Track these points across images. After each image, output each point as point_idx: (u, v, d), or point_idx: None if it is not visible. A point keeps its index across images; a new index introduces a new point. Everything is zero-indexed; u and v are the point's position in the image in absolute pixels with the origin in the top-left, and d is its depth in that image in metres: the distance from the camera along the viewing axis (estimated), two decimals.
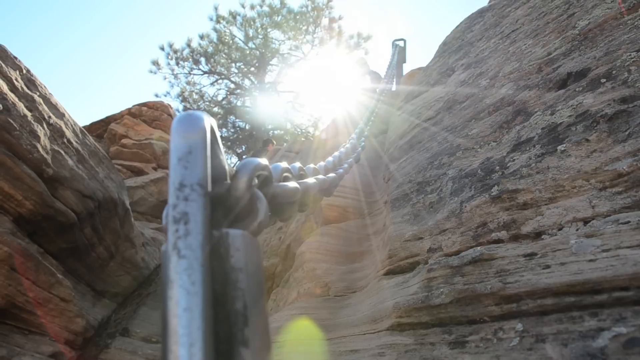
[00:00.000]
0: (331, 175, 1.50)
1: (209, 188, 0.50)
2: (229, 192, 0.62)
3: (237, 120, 19.65)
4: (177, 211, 0.45)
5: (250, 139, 18.29)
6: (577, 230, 1.44)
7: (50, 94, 4.30)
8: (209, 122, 0.53)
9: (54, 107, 4.22)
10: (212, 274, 0.44)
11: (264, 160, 0.70)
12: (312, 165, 1.29)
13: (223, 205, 0.62)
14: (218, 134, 0.58)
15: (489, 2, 5.28)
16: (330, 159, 1.76)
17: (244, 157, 19.13)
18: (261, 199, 0.66)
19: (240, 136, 19.36)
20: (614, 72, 1.81)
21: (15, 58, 3.92)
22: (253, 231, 0.62)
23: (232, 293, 0.49)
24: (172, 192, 0.47)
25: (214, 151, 0.55)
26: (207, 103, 19.89)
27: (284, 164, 0.89)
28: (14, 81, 3.66)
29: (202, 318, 0.40)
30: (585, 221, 1.45)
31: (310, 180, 1.09)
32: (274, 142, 10.88)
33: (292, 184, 0.85)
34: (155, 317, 4.91)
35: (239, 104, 20.29)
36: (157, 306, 5.12)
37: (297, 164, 1.07)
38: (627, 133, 1.50)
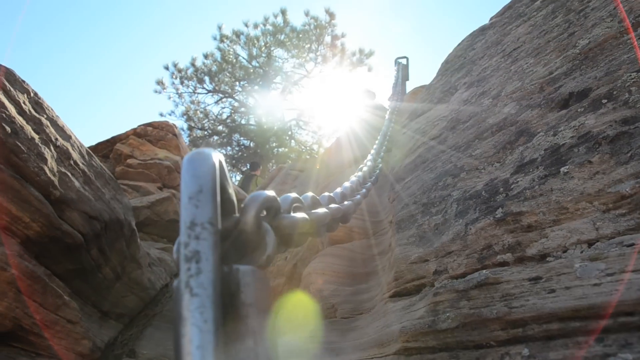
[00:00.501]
0: (347, 202, 1.51)
1: (219, 225, 0.51)
2: (237, 227, 0.64)
3: (241, 138, 19.75)
4: (189, 250, 0.47)
5: (255, 157, 18.33)
6: (581, 252, 1.44)
7: (57, 116, 4.34)
8: (218, 158, 0.55)
9: (60, 129, 4.25)
10: (222, 310, 0.46)
11: (272, 193, 0.72)
12: (327, 194, 1.30)
13: (232, 239, 0.63)
14: (226, 170, 0.60)
15: (490, 19, 5.31)
16: (347, 184, 1.77)
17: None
18: (269, 232, 0.68)
19: (245, 154, 19.43)
20: (614, 92, 1.83)
21: (23, 81, 3.96)
22: (261, 264, 0.64)
23: (242, 329, 0.50)
24: (184, 230, 0.49)
25: (222, 186, 0.57)
26: (212, 121, 20.01)
27: (293, 195, 0.90)
28: (22, 104, 3.70)
29: (215, 356, 0.42)
30: (590, 243, 1.45)
31: (322, 210, 1.11)
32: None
33: (301, 215, 0.87)
34: (162, 338, 4.88)
35: (243, 122, 20.41)
36: (164, 327, 5.11)
37: (310, 194, 1.08)
38: (629, 155, 1.51)
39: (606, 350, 1.16)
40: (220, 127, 19.93)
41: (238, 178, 19.89)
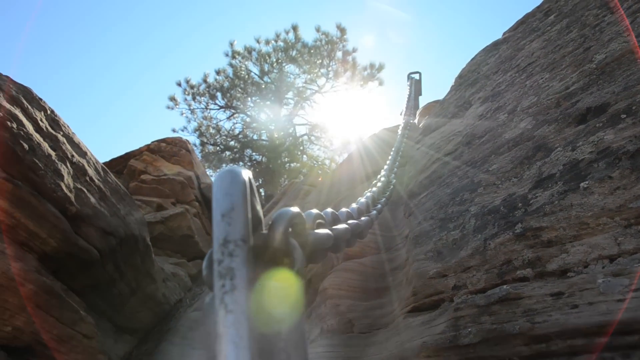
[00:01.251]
0: (364, 218, 1.51)
1: (251, 242, 0.52)
2: (266, 244, 0.64)
3: (253, 153, 19.77)
4: (222, 267, 0.48)
5: (267, 173, 18.36)
6: (603, 268, 1.43)
7: (73, 133, 4.40)
8: (247, 175, 0.56)
9: (76, 146, 4.31)
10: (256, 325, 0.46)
11: (297, 210, 0.73)
12: (344, 210, 1.30)
13: (261, 256, 0.64)
14: (255, 186, 0.60)
15: (503, 34, 5.32)
16: (363, 200, 1.78)
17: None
18: (297, 248, 0.69)
19: (257, 169, 19.45)
20: (633, 107, 1.82)
21: (40, 99, 4.03)
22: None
23: (276, 344, 0.51)
24: (217, 247, 0.49)
25: (251, 203, 0.57)
26: (224, 137, 20.06)
27: (315, 211, 0.91)
28: (39, 122, 3.76)
29: None
30: (612, 259, 1.45)
31: (343, 226, 1.11)
32: None
33: (325, 231, 0.87)
34: (176, 353, 4.88)
35: (255, 137, 20.43)
36: (178, 342, 5.11)
37: (330, 210, 1.08)
38: None
39: None
40: (232, 143, 19.99)
41: None
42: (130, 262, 4.79)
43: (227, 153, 19.61)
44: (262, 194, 18.77)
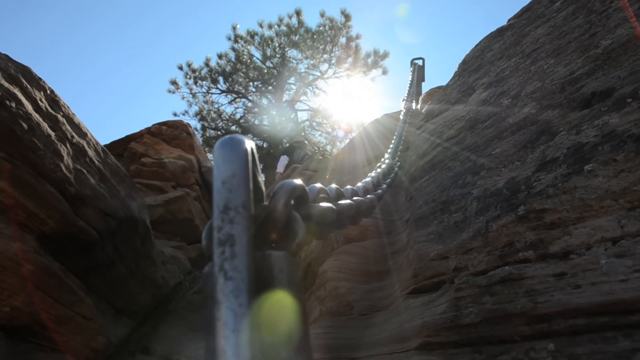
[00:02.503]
0: (369, 196, 1.50)
1: (252, 211, 0.51)
2: (268, 214, 0.63)
3: (254, 138, 19.78)
4: (222, 233, 0.46)
5: (268, 158, 18.38)
6: (606, 250, 1.43)
7: (73, 113, 4.37)
8: (250, 145, 0.55)
9: (76, 127, 4.28)
10: (257, 295, 0.45)
11: (300, 182, 0.72)
12: (350, 187, 1.30)
13: (262, 227, 0.63)
14: (257, 157, 0.59)
15: (508, 21, 5.28)
16: (368, 179, 1.77)
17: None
18: (299, 220, 0.68)
19: (259, 154, 19.44)
20: (639, 91, 1.80)
21: (40, 79, 4.00)
22: (292, 252, 0.63)
23: (275, 314, 0.50)
24: (217, 214, 0.48)
25: (253, 174, 0.56)
26: (225, 122, 20.07)
27: (319, 185, 0.90)
28: (38, 102, 3.74)
29: (250, 340, 0.41)
30: (614, 241, 1.44)
31: (346, 201, 1.10)
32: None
33: (328, 205, 0.86)
34: (176, 335, 4.90)
35: (256, 122, 20.44)
36: (177, 324, 5.13)
37: (334, 186, 1.07)
38: None
39: (635, 345, 1.15)
40: (233, 127, 19.98)
41: None
42: (130, 245, 4.78)
43: None
44: (264, 179, 18.75)
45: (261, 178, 0.62)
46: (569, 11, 3.37)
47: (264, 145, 19.52)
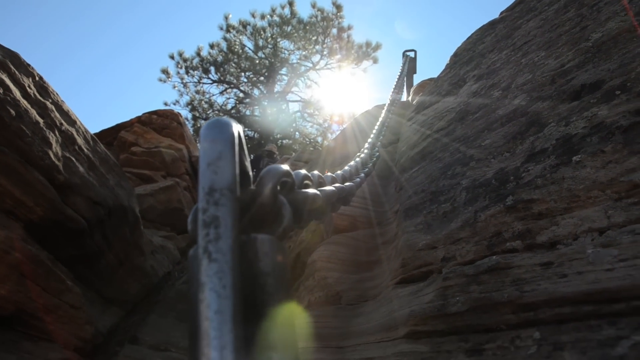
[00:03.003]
0: (349, 184, 1.50)
1: (238, 193, 0.50)
2: (254, 198, 0.63)
3: (246, 129, 19.73)
4: (207, 215, 0.46)
5: (259, 149, 18.37)
6: (592, 240, 1.44)
7: (62, 101, 4.34)
8: (237, 128, 0.54)
9: (65, 114, 4.25)
10: (241, 278, 0.45)
11: (286, 167, 0.71)
12: (330, 174, 1.29)
13: (248, 211, 0.62)
14: (244, 141, 0.58)
15: (500, 14, 5.29)
16: (347, 168, 1.77)
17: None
18: (285, 204, 0.67)
19: (249, 145, 19.42)
20: (628, 84, 1.81)
21: (28, 65, 3.97)
22: (278, 236, 0.63)
23: (260, 297, 0.50)
24: (202, 196, 0.48)
25: (240, 157, 0.55)
26: (216, 112, 20.01)
27: (304, 172, 0.89)
28: (27, 88, 3.70)
29: (233, 321, 0.41)
30: (601, 231, 1.45)
31: (330, 188, 1.10)
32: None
33: (313, 191, 0.86)
34: (164, 325, 4.90)
35: (247, 113, 20.40)
36: (166, 314, 5.12)
37: (316, 172, 1.07)
38: None
39: (619, 333, 1.16)
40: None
41: None
42: (119, 233, 4.77)
43: None
44: (254, 171, 18.73)
45: (248, 162, 0.62)
46: (560, 4, 3.37)
47: (255, 136, 19.49)
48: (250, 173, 0.63)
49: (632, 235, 1.32)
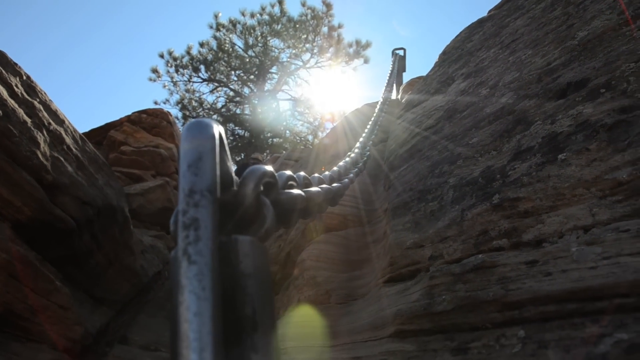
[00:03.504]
0: (336, 185, 1.50)
1: (218, 194, 0.50)
2: (236, 199, 0.63)
3: (236, 128, 19.68)
4: (187, 217, 0.46)
5: (250, 147, 18.31)
6: (577, 238, 1.45)
7: (50, 100, 4.31)
8: (218, 129, 0.54)
9: (53, 114, 4.22)
10: (221, 280, 0.45)
11: (269, 168, 0.71)
12: (317, 175, 1.30)
13: (230, 212, 0.62)
14: (226, 142, 0.58)
15: (488, 12, 5.31)
16: (335, 168, 1.77)
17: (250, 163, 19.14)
18: (267, 205, 0.67)
19: (240, 144, 19.37)
20: (613, 82, 1.83)
21: (16, 64, 3.93)
22: (260, 237, 0.63)
23: (241, 298, 0.50)
24: (182, 198, 0.48)
25: (221, 158, 0.56)
26: (207, 111, 19.93)
27: (288, 172, 0.89)
28: (14, 87, 3.67)
29: (213, 323, 0.41)
30: (586, 229, 1.46)
31: (315, 189, 1.10)
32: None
33: (297, 191, 0.86)
34: (154, 324, 4.89)
35: (238, 111, 20.33)
36: (156, 314, 5.11)
37: (302, 173, 1.07)
38: (626, 142, 1.51)
39: (602, 331, 1.17)
40: (215, 116, 19.83)
41: (232, 168, 19.89)
42: (108, 233, 4.75)
43: None
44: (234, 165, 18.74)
45: (230, 163, 0.62)
46: (547, 3, 3.39)
47: (246, 135, 19.43)
48: (233, 174, 0.63)
49: (616, 233, 1.33)
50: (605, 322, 1.18)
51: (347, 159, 2.27)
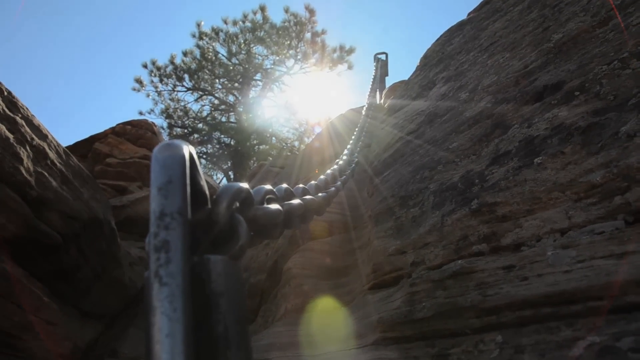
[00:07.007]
0: (321, 194, 1.51)
1: (189, 216, 0.51)
2: (209, 218, 0.64)
3: (222, 136, 19.65)
4: (158, 240, 0.47)
5: (236, 155, 18.27)
6: (554, 241, 1.47)
7: (32, 115, 4.28)
8: (188, 150, 0.55)
9: (36, 129, 4.20)
10: (194, 300, 0.46)
11: (244, 185, 0.72)
12: (301, 186, 1.31)
13: (204, 231, 0.64)
14: (198, 162, 0.60)
15: (468, 15, 5.35)
16: (322, 177, 1.78)
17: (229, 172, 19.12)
18: (241, 222, 0.68)
19: (226, 152, 19.34)
20: (586, 84, 1.86)
21: None
22: (234, 255, 0.64)
23: (214, 317, 0.51)
24: (153, 221, 0.49)
25: (194, 178, 0.57)
26: (192, 119, 19.89)
27: (267, 187, 0.91)
28: None
29: (184, 344, 0.42)
30: (563, 232, 1.48)
31: (296, 201, 1.11)
32: None
33: (274, 206, 0.87)
34: (143, 337, 4.84)
35: (223, 119, 20.30)
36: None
37: (284, 185, 1.09)
38: (599, 145, 1.54)
39: (576, 334, 1.19)
40: (200, 125, 19.81)
41: (219, 176, 19.83)
42: (95, 247, 4.71)
43: (195, 135, 19.45)
44: (232, 177, 18.70)
45: (204, 182, 0.63)
46: (524, 5, 3.43)
47: (232, 143, 19.40)
48: (207, 193, 0.64)
49: (591, 236, 1.36)
50: (579, 325, 1.20)
51: (335, 166, 2.28)
